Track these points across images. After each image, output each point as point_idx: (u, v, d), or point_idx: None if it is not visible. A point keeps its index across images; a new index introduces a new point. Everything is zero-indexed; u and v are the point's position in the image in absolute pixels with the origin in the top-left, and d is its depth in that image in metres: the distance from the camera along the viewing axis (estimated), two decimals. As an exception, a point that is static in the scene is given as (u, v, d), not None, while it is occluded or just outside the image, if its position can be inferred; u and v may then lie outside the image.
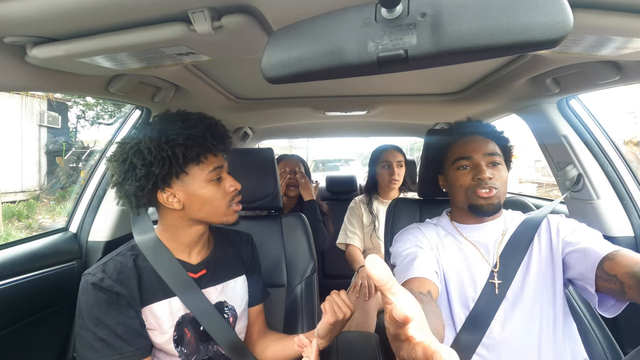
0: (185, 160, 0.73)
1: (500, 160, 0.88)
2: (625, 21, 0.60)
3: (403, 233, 0.96)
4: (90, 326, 0.70)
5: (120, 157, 0.74)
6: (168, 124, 0.75)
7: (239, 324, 0.89)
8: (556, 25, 0.38)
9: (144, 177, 0.72)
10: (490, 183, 0.85)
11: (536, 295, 0.80)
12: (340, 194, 2.59)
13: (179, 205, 0.76)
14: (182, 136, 0.72)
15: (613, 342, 0.86)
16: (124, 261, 0.77)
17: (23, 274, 0.98)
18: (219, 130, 0.79)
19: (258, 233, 1.13)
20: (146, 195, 0.74)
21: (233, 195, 0.81)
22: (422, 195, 1.20)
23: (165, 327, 0.77)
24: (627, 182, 1.15)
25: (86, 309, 0.71)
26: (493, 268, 0.84)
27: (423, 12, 0.42)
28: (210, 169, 0.77)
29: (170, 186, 0.75)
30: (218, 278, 0.87)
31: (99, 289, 0.71)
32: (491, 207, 0.85)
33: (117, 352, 0.70)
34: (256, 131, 2.19)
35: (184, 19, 0.61)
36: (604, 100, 2.88)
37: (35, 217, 6.13)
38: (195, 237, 0.83)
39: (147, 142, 0.72)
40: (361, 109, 1.66)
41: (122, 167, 0.73)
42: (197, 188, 0.76)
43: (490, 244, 0.88)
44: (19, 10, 0.56)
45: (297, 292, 1.12)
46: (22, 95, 6.46)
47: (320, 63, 0.47)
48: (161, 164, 0.71)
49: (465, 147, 0.90)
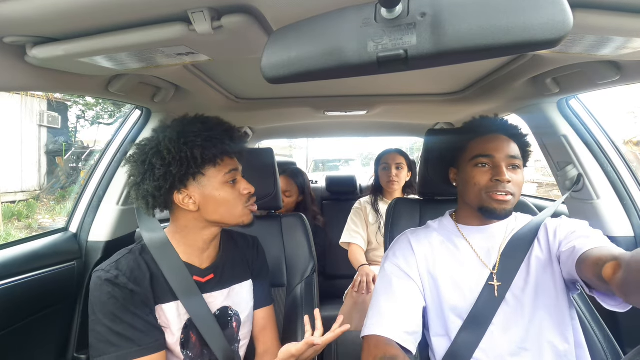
0: (203, 161, 0.75)
1: (520, 164, 0.85)
2: (625, 21, 0.60)
3: (394, 246, 0.94)
4: (105, 322, 0.70)
5: (140, 158, 0.75)
6: (187, 126, 0.76)
7: (243, 329, 0.89)
8: (556, 25, 0.38)
9: (162, 177, 0.73)
10: (507, 187, 0.81)
11: (538, 299, 0.79)
12: (340, 194, 2.59)
13: (194, 207, 0.77)
14: (200, 137, 0.74)
15: (613, 342, 0.86)
16: (136, 260, 0.77)
17: (23, 274, 0.98)
18: (236, 134, 0.81)
19: (258, 233, 1.13)
20: (163, 195, 0.75)
21: (247, 197, 0.83)
22: (422, 195, 1.20)
23: (174, 329, 0.78)
24: (627, 182, 1.15)
25: (100, 305, 0.71)
26: (492, 270, 0.83)
27: (423, 12, 0.42)
28: (227, 171, 0.78)
29: (186, 187, 0.76)
30: (225, 282, 0.87)
31: (114, 285, 0.72)
32: (504, 212, 0.82)
33: (135, 345, 0.71)
34: (256, 131, 2.19)
35: (184, 19, 0.61)
36: (604, 100, 2.88)
37: (35, 217, 6.13)
38: (207, 240, 0.83)
39: (167, 143, 0.73)
40: (361, 109, 1.66)
41: (141, 168, 0.75)
42: (212, 190, 0.77)
43: (493, 246, 0.86)
44: (19, 10, 0.56)
45: (297, 292, 1.12)
46: (22, 95, 6.46)
47: (320, 63, 0.47)
48: (179, 164, 0.72)
49: (488, 144, 0.85)
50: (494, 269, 0.83)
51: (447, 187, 1.10)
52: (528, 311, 0.79)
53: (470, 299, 0.82)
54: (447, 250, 0.88)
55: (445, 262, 0.86)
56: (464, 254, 0.87)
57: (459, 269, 0.85)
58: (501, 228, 0.88)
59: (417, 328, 0.81)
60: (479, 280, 0.83)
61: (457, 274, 0.84)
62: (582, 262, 0.69)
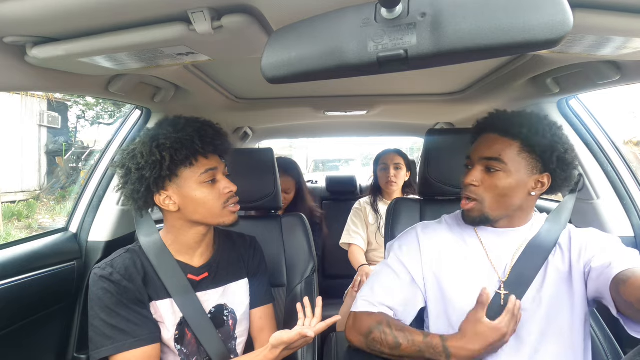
0: (175, 163, 0.75)
1: (501, 167, 0.75)
2: (625, 21, 0.60)
3: (401, 238, 0.92)
4: (102, 315, 0.73)
5: (120, 162, 0.78)
6: (160, 129, 0.78)
7: (239, 327, 0.89)
8: (556, 25, 0.38)
9: (137, 180, 0.75)
10: (469, 191, 0.78)
11: (551, 314, 0.74)
12: (340, 194, 2.59)
13: (174, 208, 0.78)
14: (170, 140, 0.74)
15: (613, 342, 0.86)
16: (132, 259, 0.80)
17: (23, 274, 0.98)
18: (209, 133, 0.79)
19: (258, 233, 1.13)
20: (142, 198, 0.76)
21: (228, 197, 0.82)
22: (422, 195, 1.20)
23: (169, 325, 0.80)
24: (627, 182, 1.15)
25: (97, 299, 0.74)
26: (501, 278, 0.78)
27: (423, 12, 0.42)
28: (202, 171, 0.78)
29: (165, 189, 0.77)
30: (220, 281, 0.87)
31: (109, 281, 0.75)
32: (468, 219, 0.79)
33: (131, 337, 0.73)
34: (256, 131, 2.19)
35: (184, 19, 0.61)
36: (604, 100, 2.88)
37: (35, 217, 6.13)
38: (197, 239, 0.84)
39: (141, 147, 0.75)
40: (361, 109, 1.66)
41: (121, 172, 0.78)
42: (190, 190, 0.78)
43: (505, 252, 0.81)
44: (19, 10, 0.56)
45: (297, 292, 1.12)
46: (22, 95, 6.46)
47: (320, 63, 0.47)
48: (152, 167, 0.73)
49: (475, 145, 0.82)
50: (504, 276, 0.79)
51: (447, 187, 1.10)
52: (539, 326, 0.75)
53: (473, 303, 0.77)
54: (457, 250, 0.84)
55: (453, 262, 0.83)
56: (474, 254, 0.82)
57: (467, 269, 0.81)
58: (517, 234, 0.82)
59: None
60: (487, 284, 0.78)
61: (465, 275, 0.81)
62: (620, 283, 0.63)
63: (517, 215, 0.81)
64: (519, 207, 0.79)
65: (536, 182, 0.77)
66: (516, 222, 0.82)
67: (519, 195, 0.77)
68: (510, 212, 0.80)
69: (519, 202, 0.78)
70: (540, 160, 0.75)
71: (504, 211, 0.78)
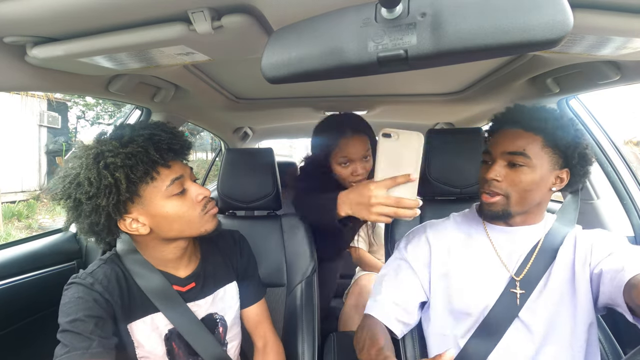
0: (133, 183, 0.64)
1: (525, 162, 0.74)
2: (625, 21, 0.60)
3: (409, 236, 0.92)
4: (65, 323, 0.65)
5: (64, 194, 0.65)
6: (103, 145, 0.65)
7: (229, 333, 0.86)
8: (556, 25, 0.38)
9: (93, 211, 0.64)
10: (493, 186, 0.76)
11: (552, 318, 0.74)
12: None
13: (145, 230, 0.69)
14: (119, 157, 0.63)
15: (613, 342, 0.86)
16: (113, 270, 0.73)
17: (23, 274, 0.98)
18: (163, 138, 0.68)
19: (258, 233, 1.13)
20: (104, 229, 0.66)
21: (204, 203, 0.73)
22: (422, 195, 1.20)
23: (154, 343, 0.74)
24: (627, 182, 1.15)
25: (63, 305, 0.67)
26: (515, 276, 0.77)
27: (423, 12, 0.42)
28: (167, 184, 0.68)
29: (128, 212, 0.67)
30: (208, 290, 0.82)
31: (91, 290, 0.68)
32: (490, 214, 0.78)
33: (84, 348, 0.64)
34: (256, 131, 2.19)
35: (184, 19, 0.61)
36: (604, 100, 2.88)
37: (35, 217, 6.13)
38: (178, 253, 0.77)
39: (86, 171, 0.63)
40: (361, 109, 1.66)
41: (69, 205, 0.66)
42: (158, 208, 0.68)
43: (516, 250, 0.80)
44: (19, 10, 0.56)
45: (297, 292, 1.12)
46: (22, 95, 6.45)
47: (320, 63, 0.47)
48: (106, 193, 0.62)
49: (491, 139, 0.81)
50: (517, 275, 0.77)
51: (448, 187, 1.10)
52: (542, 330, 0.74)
53: (483, 302, 0.77)
54: (465, 247, 0.84)
55: (462, 260, 0.82)
56: (484, 252, 0.82)
57: (476, 267, 0.80)
58: (530, 233, 0.81)
59: (410, 320, 0.84)
60: (496, 283, 0.78)
61: (473, 273, 0.80)
62: (632, 287, 0.61)
63: (534, 212, 0.80)
64: (538, 203, 0.79)
65: (556, 177, 0.77)
66: (530, 219, 0.81)
67: (541, 190, 0.76)
68: (530, 208, 0.79)
69: (539, 198, 0.78)
70: (562, 155, 0.75)
71: (526, 206, 0.77)
